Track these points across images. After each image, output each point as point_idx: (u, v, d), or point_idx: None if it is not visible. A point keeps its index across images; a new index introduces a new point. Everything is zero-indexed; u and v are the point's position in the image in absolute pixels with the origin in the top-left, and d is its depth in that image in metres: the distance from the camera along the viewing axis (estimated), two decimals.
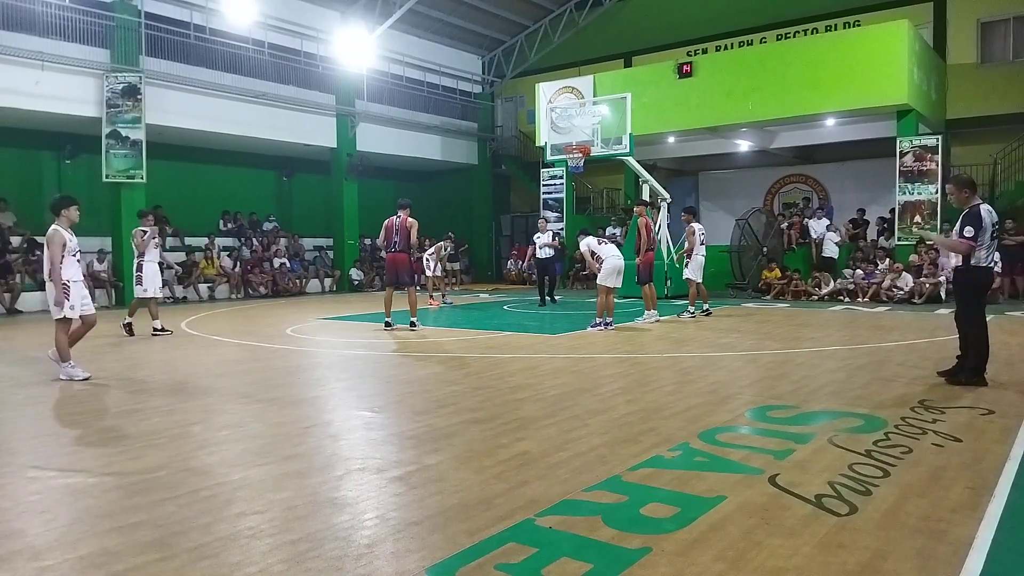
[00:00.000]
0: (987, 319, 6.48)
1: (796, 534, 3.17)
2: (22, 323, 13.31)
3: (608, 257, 10.89)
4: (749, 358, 8.07)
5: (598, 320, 10.86)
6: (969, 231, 6.12)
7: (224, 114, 18.09)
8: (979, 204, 6.26)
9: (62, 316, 7.05)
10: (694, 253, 12.50)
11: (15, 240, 16.22)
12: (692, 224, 12.63)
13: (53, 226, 7.11)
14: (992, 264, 6.36)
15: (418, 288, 11.97)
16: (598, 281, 10.94)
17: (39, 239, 16.44)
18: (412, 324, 10.98)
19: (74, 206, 7.28)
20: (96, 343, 9.85)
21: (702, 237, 12.77)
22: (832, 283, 15.92)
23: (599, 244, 11.28)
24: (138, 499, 3.70)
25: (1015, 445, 4.48)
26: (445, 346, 9.42)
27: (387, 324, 11.04)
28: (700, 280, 12.66)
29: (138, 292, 10.78)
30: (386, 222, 10.94)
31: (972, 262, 6.21)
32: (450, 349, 9.14)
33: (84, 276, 7.54)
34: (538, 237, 15.83)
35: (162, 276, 11.51)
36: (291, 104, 19.67)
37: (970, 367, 6.36)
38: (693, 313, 12.49)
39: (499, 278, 25.27)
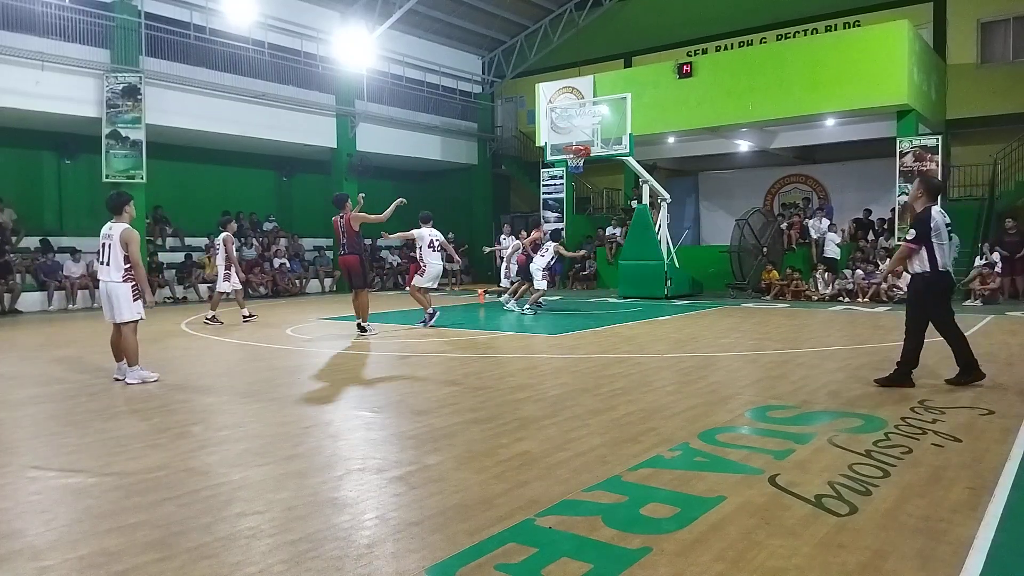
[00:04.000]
0: (988, 318, 6.49)
1: (796, 534, 3.17)
2: (22, 323, 13.31)
3: (431, 264, 11.17)
4: (749, 358, 8.08)
5: (430, 310, 11.16)
6: (911, 234, 6.20)
7: (224, 114, 18.09)
8: (930, 207, 6.25)
9: (138, 318, 6.98)
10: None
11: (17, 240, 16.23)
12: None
13: (124, 224, 6.95)
14: (948, 268, 6.25)
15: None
16: (419, 284, 11.23)
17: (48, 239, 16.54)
18: (360, 328, 10.26)
19: (133, 201, 7.22)
20: (96, 344, 9.86)
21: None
22: (832, 285, 15.92)
23: (430, 245, 11.16)
24: (138, 499, 3.70)
25: (1015, 445, 4.48)
26: (445, 346, 9.42)
27: (360, 328, 10.36)
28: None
29: (224, 288, 12.29)
30: (333, 220, 10.36)
31: (934, 267, 6.16)
32: (450, 349, 9.14)
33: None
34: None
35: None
36: (291, 104, 19.67)
37: (962, 367, 6.41)
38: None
39: (499, 278, 25.23)
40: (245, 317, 12.36)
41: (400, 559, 2.98)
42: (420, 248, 11.37)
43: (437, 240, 11.41)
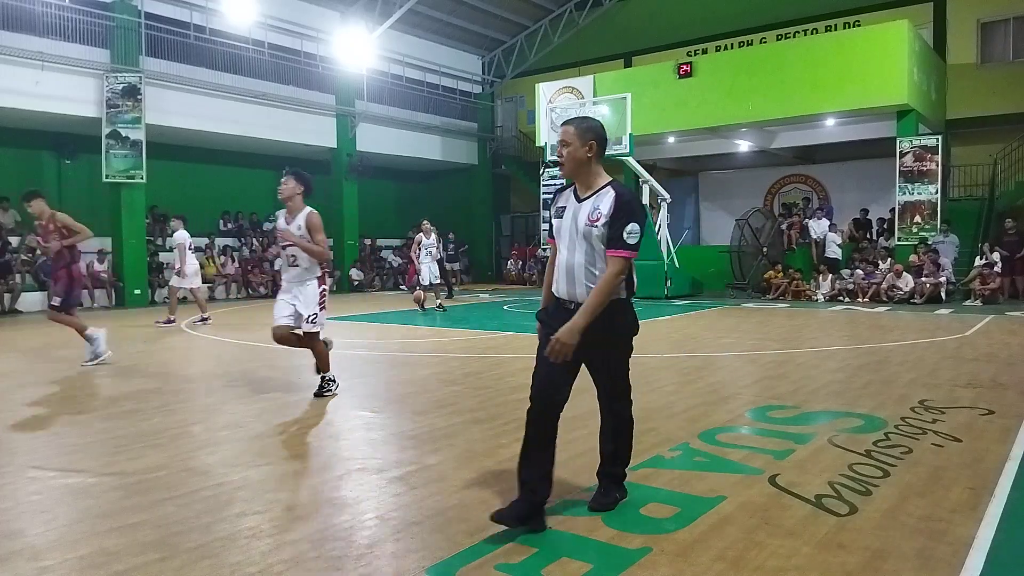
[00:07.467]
0: (988, 318, 6.46)
1: (796, 534, 3.17)
2: (22, 323, 13.31)
3: (190, 264, 12.29)
4: (749, 358, 8.07)
5: (206, 314, 12.25)
6: (635, 232, 3.32)
7: (224, 114, 18.08)
8: (614, 181, 3.61)
9: None
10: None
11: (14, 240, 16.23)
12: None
13: None
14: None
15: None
16: (190, 286, 12.40)
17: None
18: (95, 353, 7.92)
19: None
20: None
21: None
22: (832, 286, 15.92)
23: (189, 246, 12.29)
24: (138, 499, 3.70)
25: (1015, 445, 4.48)
26: (445, 346, 9.42)
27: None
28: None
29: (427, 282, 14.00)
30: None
31: (631, 288, 3.66)
32: (450, 349, 9.14)
33: None
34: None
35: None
36: (291, 104, 19.67)
37: (618, 473, 3.66)
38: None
39: (499, 278, 25.27)
40: (421, 304, 14.25)
41: (400, 559, 2.98)
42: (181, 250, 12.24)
43: (189, 242, 12.35)
